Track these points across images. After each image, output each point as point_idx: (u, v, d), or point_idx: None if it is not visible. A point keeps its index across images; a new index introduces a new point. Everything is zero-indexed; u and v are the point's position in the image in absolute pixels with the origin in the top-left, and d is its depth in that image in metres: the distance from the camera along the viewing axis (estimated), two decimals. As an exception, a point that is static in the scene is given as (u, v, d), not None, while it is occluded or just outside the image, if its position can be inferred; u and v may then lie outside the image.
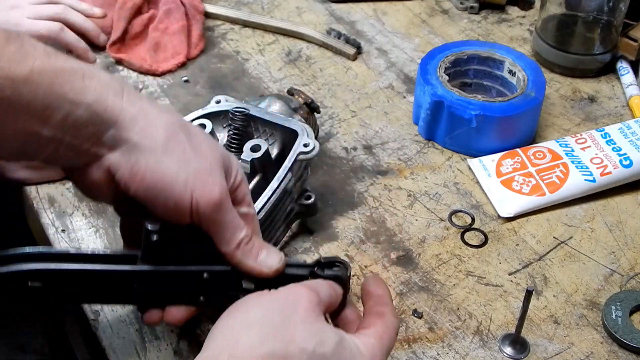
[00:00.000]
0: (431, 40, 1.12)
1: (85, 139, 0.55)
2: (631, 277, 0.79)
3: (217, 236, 0.58)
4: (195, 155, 0.57)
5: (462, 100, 0.90)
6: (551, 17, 1.05)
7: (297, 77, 1.05)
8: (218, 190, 0.57)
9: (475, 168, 0.90)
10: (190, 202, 0.56)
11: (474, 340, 0.73)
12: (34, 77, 0.53)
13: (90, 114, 0.54)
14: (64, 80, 0.53)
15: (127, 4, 1.06)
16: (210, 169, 0.57)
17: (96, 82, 0.55)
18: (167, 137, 0.56)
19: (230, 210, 0.58)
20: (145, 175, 0.55)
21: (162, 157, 0.56)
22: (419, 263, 0.80)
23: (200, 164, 0.57)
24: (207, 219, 0.57)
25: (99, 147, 0.56)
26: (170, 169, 0.56)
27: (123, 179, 0.56)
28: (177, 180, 0.56)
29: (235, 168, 0.61)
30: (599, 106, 1.01)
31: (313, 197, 0.80)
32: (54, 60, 0.54)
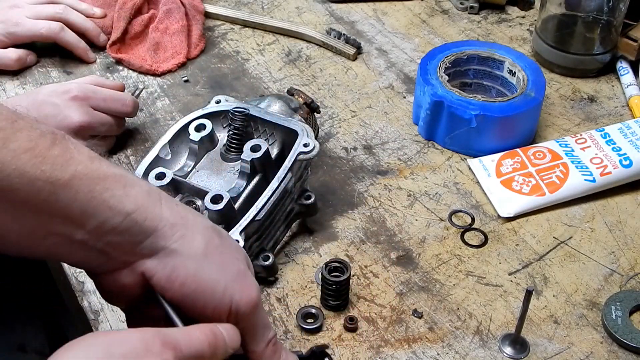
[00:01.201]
0: (431, 40, 1.12)
1: (121, 246, 0.54)
2: (631, 277, 0.79)
3: (250, 336, 0.59)
4: (230, 259, 0.58)
5: (462, 100, 0.90)
6: (551, 17, 1.05)
7: (297, 77, 1.05)
8: (255, 291, 0.58)
9: (475, 168, 0.90)
10: (230, 306, 0.56)
11: (474, 340, 0.73)
12: (75, 182, 0.51)
13: (130, 222, 0.54)
14: (104, 187, 0.53)
15: (127, 4, 1.06)
16: (245, 271, 0.58)
17: (137, 191, 0.55)
18: (205, 244, 0.57)
19: (262, 309, 0.60)
20: (186, 281, 0.55)
21: (202, 264, 0.56)
22: (419, 263, 0.80)
23: (236, 267, 0.58)
24: (245, 319, 0.57)
25: (134, 254, 0.55)
26: (211, 275, 0.56)
27: (160, 283, 0.55)
28: (217, 286, 0.56)
29: (251, 266, 0.62)
30: (599, 106, 1.01)
31: (313, 197, 0.80)
32: (97, 165, 0.53)
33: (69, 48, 1.05)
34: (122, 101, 0.90)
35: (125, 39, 1.06)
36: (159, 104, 1.00)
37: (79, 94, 0.87)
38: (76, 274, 0.78)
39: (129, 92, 0.98)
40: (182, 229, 0.56)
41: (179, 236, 0.56)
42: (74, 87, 0.88)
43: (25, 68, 1.05)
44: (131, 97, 0.92)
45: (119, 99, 0.90)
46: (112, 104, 0.90)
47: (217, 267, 0.56)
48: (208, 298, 0.56)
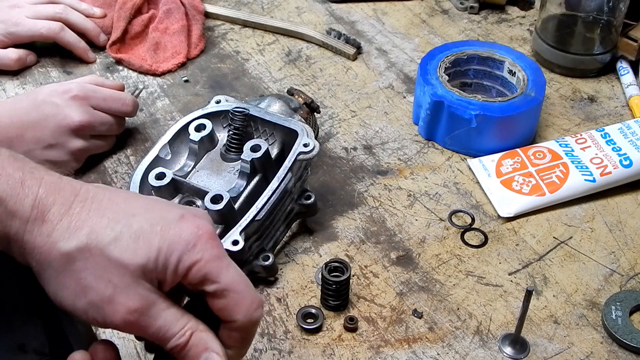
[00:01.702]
0: (431, 40, 1.12)
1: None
2: (631, 277, 0.79)
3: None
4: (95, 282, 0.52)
5: (462, 100, 0.90)
6: (551, 17, 1.05)
7: (297, 77, 1.05)
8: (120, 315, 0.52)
9: (475, 168, 0.90)
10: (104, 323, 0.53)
11: (474, 340, 0.73)
12: None
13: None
14: None
15: (127, 4, 1.06)
16: (110, 297, 0.52)
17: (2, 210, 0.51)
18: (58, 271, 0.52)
19: (156, 317, 0.53)
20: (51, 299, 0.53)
21: (57, 288, 0.52)
22: (419, 263, 0.80)
23: (98, 294, 0.52)
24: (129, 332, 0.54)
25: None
26: (67, 299, 0.52)
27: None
28: (76, 309, 0.52)
29: (177, 256, 0.53)
30: (599, 106, 1.01)
31: (313, 197, 0.80)
32: None
33: (69, 48, 1.04)
34: (122, 101, 0.90)
35: (125, 39, 1.06)
36: (159, 104, 1.00)
37: (79, 93, 0.87)
38: (76, 274, 0.78)
39: (129, 92, 0.98)
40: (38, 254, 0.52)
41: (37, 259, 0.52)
42: (74, 87, 0.88)
43: (25, 68, 1.05)
44: (131, 97, 0.92)
45: (119, 99, 0.90)
46: (112, 103, 0.90)
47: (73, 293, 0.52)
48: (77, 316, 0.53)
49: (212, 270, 0.53)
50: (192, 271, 0.53)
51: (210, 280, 0.53)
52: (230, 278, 0.54)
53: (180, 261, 0.52)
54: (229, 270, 0.54)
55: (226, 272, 0.54)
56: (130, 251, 0.52)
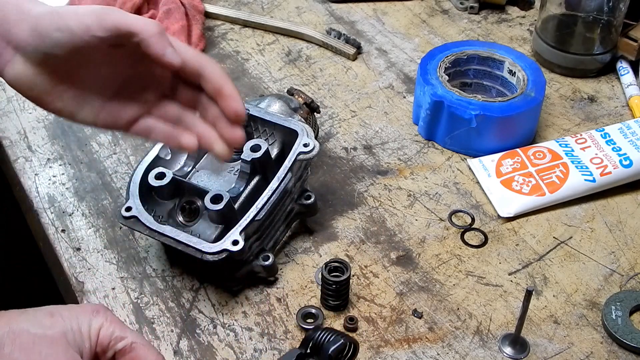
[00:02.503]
0: (431, 40, 1.12)
1: None
2: (631, 277, 0.79)
3: None
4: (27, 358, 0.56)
5: (462, 100, 0.90)
6: (551, 17, 1.05)
7: (297, 77, 1.05)
8: None
9: (475, 168, 0.90)
10: None
11: (474, 340, 0.73)
12: None
13: None
14: None
15: (127, 4, 1.06)
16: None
17: None
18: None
19: None
20: None
21: None
22: (419, 263, 0.80)
23: None
24: None
25: None
26: None
27: None
28: None
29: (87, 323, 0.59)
30: (599, 106, 1.01)
31: (313, 197, 0.80)
32: None
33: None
34: None
35: (125, 39, 1.06)
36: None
37: None
38: (76, 274, 0.78)
39: None
40: None
41: None
42: None
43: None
44: None
45: None
46: None
47: None
48: None
49: (117, 327, 0.59)
50: (102, 331, 0.58)
51: (118, 337, 0.59)
52: (134, 334, 0.60)
53: (91, 326, 0.58)
54: (130, 329, 0.60)
55: (129, 330, 0.60)
56: (48, 326, 0.57)
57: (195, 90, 0.68)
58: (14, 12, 0.62)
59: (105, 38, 0.61)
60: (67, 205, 0.86)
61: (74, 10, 0.62)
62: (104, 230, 0.83)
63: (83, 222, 0.84)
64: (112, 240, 0.82)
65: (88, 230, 0.83)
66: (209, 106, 0.68)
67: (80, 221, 0.84)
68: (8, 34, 0.62)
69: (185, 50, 0.65)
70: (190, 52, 0.66)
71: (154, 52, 0.62)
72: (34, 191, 0.87)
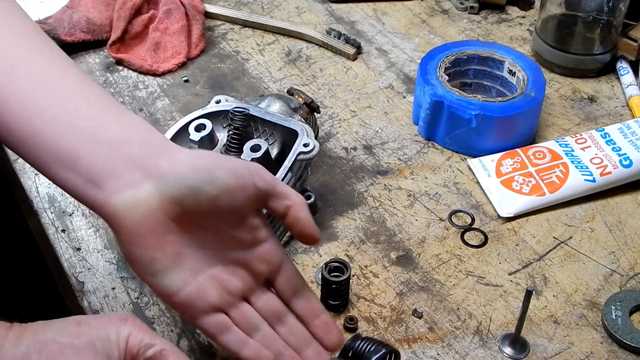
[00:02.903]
0: (431, 40, 1.12)
1: None
2: (631, 277, 0.79)
3: None
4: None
5: (462, 100, 0.90)
6: (551, 17, 1.05)
7: (297, 77, 1.05)
8: None
9: (475, 168, 0.90)
10: None
11: (474, 340, 0.73)
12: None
13: None
14: None
15: (127, 4, 1.06)
16: None
17: None
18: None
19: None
20: None
21: None
22: (419, 263, 0.80)
23: None
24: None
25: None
26: None
27: None
28: None
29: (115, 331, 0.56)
30: (599, 106, 1.01)
31: (313, 197, 0.80)
32: None
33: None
34: None
35: (125, 39, 1.06)
36: (159, 104, 1.00)
37: None
38: (76, 274, 0.78)
39: None
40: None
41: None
42: None
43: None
44: None
45: None
46: None
47: None
48: None
49: (146, 335, 0.57)
50: (131, 339, 0.56)
51: (148, 344, 0.56)
52: (164, 341, 0.57)
53: (119, 334, 0.56)
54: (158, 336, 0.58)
55: (157, 337, 0.57)
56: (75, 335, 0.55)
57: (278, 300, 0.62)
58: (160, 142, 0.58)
59: (255, 198, 0.58)
60: (67, 205, 0.86)
61: (227, 164, 0.57)
62: (104, 230, 0.83)
63: (83, 222, 0.84)
64: (112, 240, 0.82)
65: (88, 230, 0.83)
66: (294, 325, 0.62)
67: (80, 221, 0.84)
68: (148, 161, 0.57)
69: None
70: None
71: (302, 219, 0.59)
72: (34, 191, 0.87)
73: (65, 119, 0.58)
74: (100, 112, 0.59)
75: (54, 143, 0.57)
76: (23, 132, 0.58)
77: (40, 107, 0.58)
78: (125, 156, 0.57)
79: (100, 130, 0.58)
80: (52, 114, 0.58)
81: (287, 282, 0.62)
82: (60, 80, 0.60)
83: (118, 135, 0.58)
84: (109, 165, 0.56)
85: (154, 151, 0.57)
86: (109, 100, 0.61)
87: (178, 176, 0.56)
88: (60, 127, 0.57)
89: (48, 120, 0.57)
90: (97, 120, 0.58)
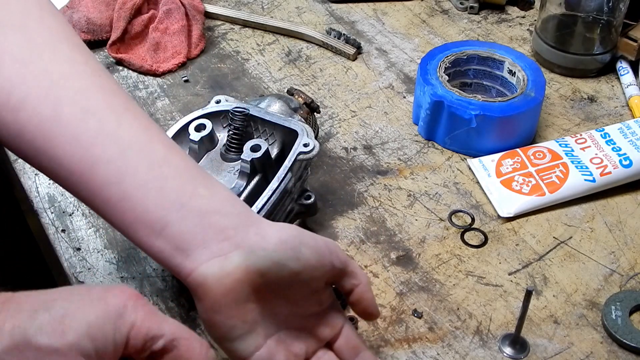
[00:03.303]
0: (431, 40, 1.12)
1: None
2: (631, 277, 0.79)
3: None
4: None
5: (462, 100, 0.90)
6: (551, 17, 1.05)
7: (297, 77, 1.05)
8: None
9: (475, 168, 0.90)
10: None
11: (474, 340, 0.73)
12: None
13: None
14: None
15: (127, 4, 1.06)
16: None
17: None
18: None
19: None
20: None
21: None
22: (419, 263, 0.80)
23: None
24: None
25: None
26: None
27: None
28: None
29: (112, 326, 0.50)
30: (599, 106, 1.01)
31: (313, 197, 0.80)
32: None
33: None
34: None
35: (125, 39, 1.06)
36: (159, 104, 1.00)
37: None
38: (76, 274, 0.78)
39: None
40: None
41: None
42: None
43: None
44: None
45: None
46: None
47: None
48: None
49: (152, 326, 0.51)
50: (132, 335, 0.50)
51: (154, 336, 0.51)
52: (173, 327, 0.52)
53: (117, 329, 0.49)
54: (168, 321, 0.52)
55: (166, 323, 0.52)
56: (58, 334, 0.48)
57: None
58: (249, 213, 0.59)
59: (331, 275, 0.60)
60: (67, 205, 0.86)
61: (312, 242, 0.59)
62: (104, 230, 0.83)
63: (83, 222, 0.84)
64: (112, 240, 0.82)
65: (88, 230, 0.83)
66: None
67: (80, 221, 0.84)
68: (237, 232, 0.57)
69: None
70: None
71: (366, 299, 0.62)
72: (34, 191, 0.87)
73: (155, 184, 0.58)
74: (189, 180, 0.59)
75: (145, 208, 0.57)
76: (111, 195, 0.57)
77: (131, 172, 0.58)
78: (214, 226, 0.57)
79: (189, 199, 0.58)
80: (142, 178, 0.58)
81: (346, 343, 0.64)
82: (149, 147, 0.59)
83: (207, 204, 0.58)
84: (198, 234, 0.57)
85: (243, 223, 0.58)
86: (196, 168, 0.61)
87: (266, 250, 0.57)
88: (151, 193, 0.57)
89: (139, 184, 0.57)
90: (186, 188, 0.58)
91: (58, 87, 0.59)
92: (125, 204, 0.57)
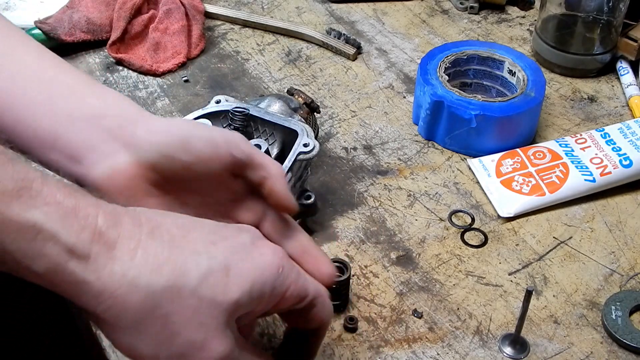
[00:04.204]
0: (431, 40, 1.12)
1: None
2: (631, 277, 0.79)
3: None
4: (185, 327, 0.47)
5: (462, 100, 0.90)
6: (551, 17, 1.05)
7: (297, 77, 1.05)
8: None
9: (475, 168, 0.90)
10: None
11: (474, 340, 0.73)
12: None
13: (45, 283, 0.45)
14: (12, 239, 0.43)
15: (127, 4, 1.06)
16: (201, 342, 0.47)
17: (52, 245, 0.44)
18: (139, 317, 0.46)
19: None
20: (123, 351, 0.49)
21: (134, 336, 0.47)
22: (419, 263, 0.80)
23: (188, 340, 0.47)
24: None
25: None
26: (147, 349, 0.47)
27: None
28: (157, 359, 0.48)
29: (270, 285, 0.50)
30: (599, 106, 1.01)
31: (313, 197, 0.80)
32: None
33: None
34: None
35: (125, 39, 1.06)
36: (159, 104, 1.00)
37: None
38: (76, 274, 0.78)
39: None
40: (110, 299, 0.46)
41: (106, 307, 0.46)
42: None
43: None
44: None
45: None
46: None
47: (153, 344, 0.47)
48: None
49: (302, 287, 0.52)
50: (287, 295, 0.51)
51: (302, 297, 0.53)
52: (314, 285, 0.54)
53: (274, 288, 0.50)
54: (308, 279, 0.54)
55: (310, 282, 0.54)
56: (222, 287, 0.47)
57: None
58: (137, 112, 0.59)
59: (231, 166, 0.57)
60: (67, 205, 0.85)
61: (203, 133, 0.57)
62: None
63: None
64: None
65: (88, 230, 0.83)
66: None
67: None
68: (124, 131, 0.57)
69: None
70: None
71: (277, 191, 0.58)
72: (34, 191, 0.87)
73: (45, 103, 0.59)
74: (78, 93, 0.60)
75: (36, 126, 0.58)
76: (7, 122, 0.59)
77: (20, 96, 0.59)
78: (102, 129, 0.57)
79: (78, 110, 0.59)
80: (32, 101, 0.59)
81: (272, 225, 0.60)
82: (38, 70, 0.61)
83: (94, 110, 0.59)
84: (87, 140, 0.57)
85: (131, 121, 0.58)
86: (86, 82, 0.62)
87: (153, 144, 0.56)
88: (40, 111, 0.58)
89: (29, 106, 0.59)
90: (75, 101, 0.59)
91: None
92: (20, 127, 0.59)
